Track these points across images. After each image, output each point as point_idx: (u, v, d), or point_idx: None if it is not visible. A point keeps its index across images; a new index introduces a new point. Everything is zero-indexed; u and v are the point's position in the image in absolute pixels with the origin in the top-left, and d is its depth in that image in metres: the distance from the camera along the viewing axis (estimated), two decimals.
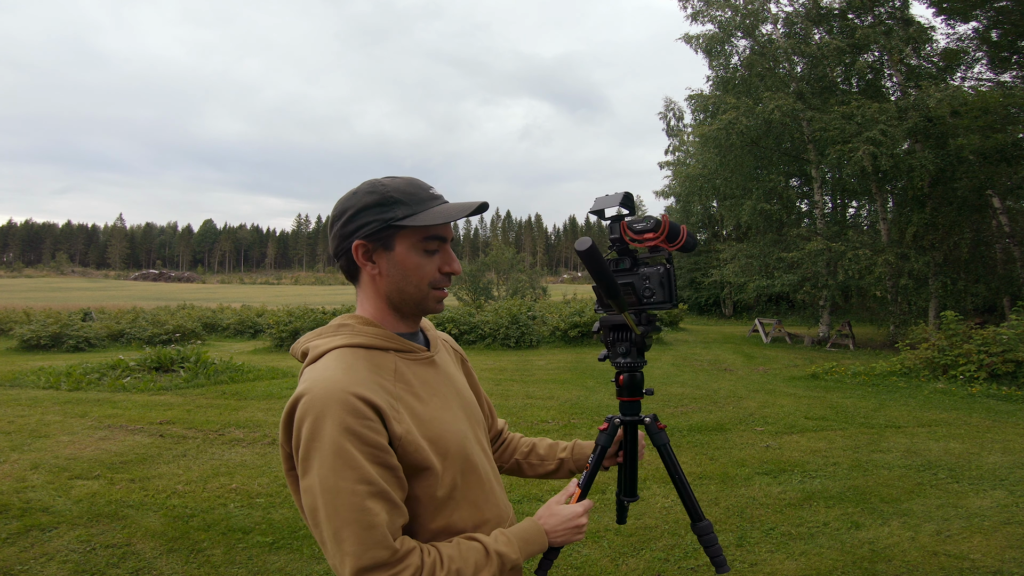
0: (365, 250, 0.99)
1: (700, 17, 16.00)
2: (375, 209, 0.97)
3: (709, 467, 4.54)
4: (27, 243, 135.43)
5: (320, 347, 0.97)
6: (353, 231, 0.98)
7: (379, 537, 0.84)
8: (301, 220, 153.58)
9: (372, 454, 0.86)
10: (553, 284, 68.02)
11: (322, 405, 0.85)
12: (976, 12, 12.83)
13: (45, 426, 5.72)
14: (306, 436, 0.85)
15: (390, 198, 0.97)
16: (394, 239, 0.98)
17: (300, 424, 0.86)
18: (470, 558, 0.92)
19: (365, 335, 0.98)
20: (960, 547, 3.17)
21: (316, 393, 0.86)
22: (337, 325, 1.01)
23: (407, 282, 0.99)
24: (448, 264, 1.03)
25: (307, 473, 0.85)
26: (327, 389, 0.86)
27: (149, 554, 3.11)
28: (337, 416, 0.84)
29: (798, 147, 15.88)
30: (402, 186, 0.99)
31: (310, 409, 0.85)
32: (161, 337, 14.08)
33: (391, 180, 1.01)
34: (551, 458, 1.31)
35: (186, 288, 70.16)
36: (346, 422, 0.84)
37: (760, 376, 9.30)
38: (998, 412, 6.39)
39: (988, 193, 13.39)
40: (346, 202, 1.00)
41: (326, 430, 0.84)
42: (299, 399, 0.87)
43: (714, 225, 26.01)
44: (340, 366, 0.91)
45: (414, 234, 0.98)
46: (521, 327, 13.20)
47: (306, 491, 0.86)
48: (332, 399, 0.85)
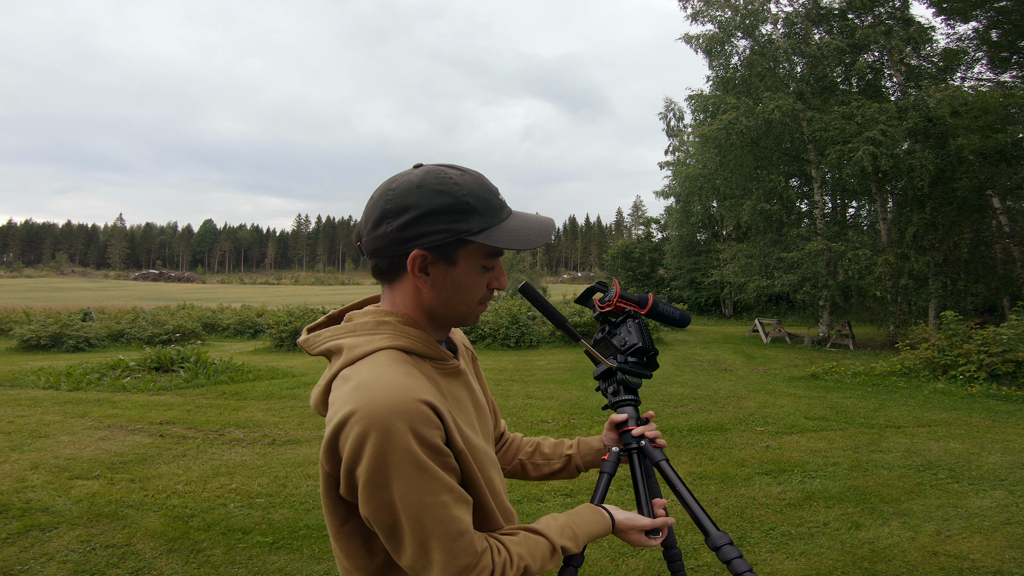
0: (423, 261, 0.85)
1: (700, 17, 16.02)
2: (446, 216, 0.83)
3: (709, 467, 4.53)
4: (27, 243, 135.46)
5: (360, 348, 0.85)
6: (414, 237, 0.83)
7: (466, 544, 0.79)
8: (301, 220, 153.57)
9: (444, 463, 0.80)
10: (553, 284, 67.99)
11: (389, 415, 0.75)
12: (976, 12, 12.83)
13: (45, 426, 5.72)
14: (374, 452, 0.75)
15: (465, 204, 0.84)
16: (459, 254, 0.86)
17: (361, 440, 0.75)
18: (537, 554, 0.88)
19: (409, 337, 0.87)
20: (960, 547, 3.17)
21: (380, 402, 0.76)
22: (376, 322, 0.88)
23: (459, 300, 0.90)
24: (497, 280, 0.93)
25: (379, 490, 0.76)
26: (392, 397, 0.76)
27: (149, 554, 3.11)
28: (408, 426, 0.76)
29: (798, 147, 15.89)
30: (475, 189, 0.86)
31: (374, 422, 0.75)
32: (161, 337, 14.08)
33: (461, 176, 0.86)
34: (557, 456, 1.25)
35: (186, 288, 70.18)
36: (419, 432, 0.76)
37: (760, 376, 9.30)
38: (998, 412, 6.39)
39: (988, 193, 13.39)
40: (406, 197, 0.84)
41: (397, 443, 0.75)
42: (354, 412, 0.76)
43: (714, 225, 26.02)
44: (397, 370, 0.81)
45: (481, 250, 0.87)
46: (521, 327, 13.21)
47: (381, 508, 0.77)
48: (399, 408, 0.76)
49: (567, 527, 0.94)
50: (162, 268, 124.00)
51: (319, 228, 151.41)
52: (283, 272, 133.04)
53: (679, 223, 25.73)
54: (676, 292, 25.94)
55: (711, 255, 23.91)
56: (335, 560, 0.91)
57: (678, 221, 25.76)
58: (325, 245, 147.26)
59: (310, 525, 3.48)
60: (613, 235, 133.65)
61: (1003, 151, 12.35)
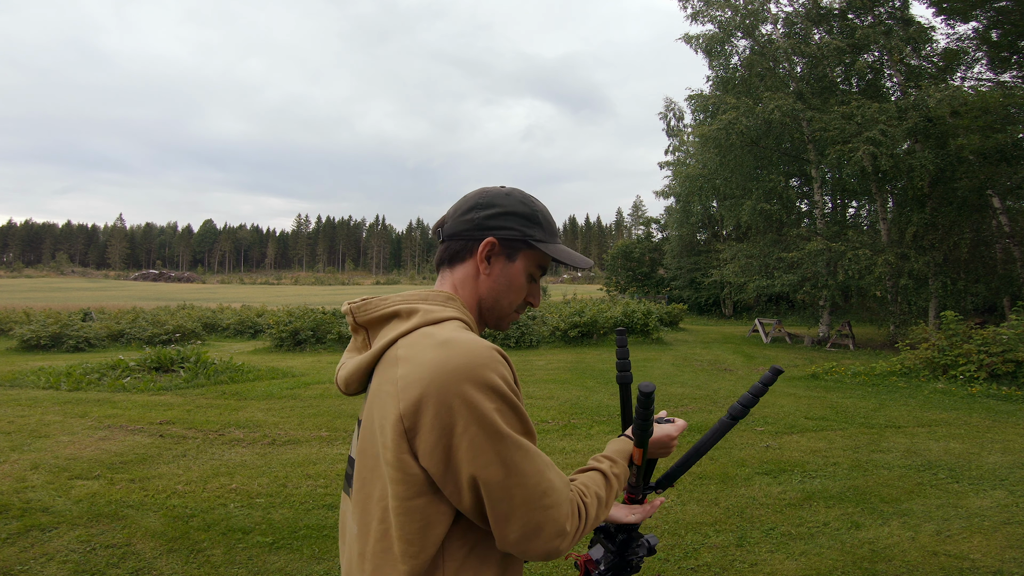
0: (491, 249, 0.98)
1: (700, 17, 16.02)
2: (522, 220, 0.99)
3: (709, 467, 4.54)
4: (27, 243, 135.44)
5: (437, 313, 0.90)
6: (492, 227, 0.98)
7: (563, 476, 0.86)
8: (301, 220, 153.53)
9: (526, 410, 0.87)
10: (553, 284, 68.05)
11: (478, 364, 0.79)
12: (976, 12, 12.83)
13: (45, 426, 5.72)
14: (472, 403, 0.77)
15: (537, 217, 1.01)
16: (519, 253, 1.00)
17: (451, 394, 0.77)
18: (600, 483, 0.96)
19: (469, 318, 0.96)
20: (960, 547, 3.17)
21: (469, 353, 0.80)
22: (447, 296, 0.96)
23: (507, 296, 1.00)
24: (534, 296, 1.06)
25: (490, 440, 0.78)
26: (476, 346, 0.81)
27: (149, 554, 3.11)
28: (504, 377, 0.82)
29: (798, 147, 15.89)
30: (545, 212, 1.04)
31: (464, 372, 0.78)
32: (161, 337, 14.08)
33: (537, 202, 1.04)
34: None
35: (186, 288, 70.17)
36: (505, 375, 0.83)
37: (760, 376, 9.30)
38: (998, 412, 6.39)
39: (988, 193, 13.39)
40: (497, 198, 1.00)
41: (504, 392, 0.81)
42: (443, 367, 0.78)
43: (714, 225, 26.04)
44: (472, 333, 0.88)
45: (535, 258, 1.01)
46: (521, 327, 13.21)
47: (490, 462, 0.78)
48: (496, 359, 0.82)
49: (605, 458, 1.04)
50: (162, 268, 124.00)
51: (319, 228, 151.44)
52: (283, 272, 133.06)
53: (679, 223, 25.73)
54: (676, 292, 25.95)
55: (711, 255, 23.92)
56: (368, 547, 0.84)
57: (678, 221, 25.77)
58: (325, 245, 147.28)
59: (310, 525, 3.48)
60: (613, 235, 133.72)
61: (1003, 151, 12.35)
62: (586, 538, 1.14)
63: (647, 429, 1.03)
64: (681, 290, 25.70)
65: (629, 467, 1.08)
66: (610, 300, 21.36)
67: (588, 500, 0.91)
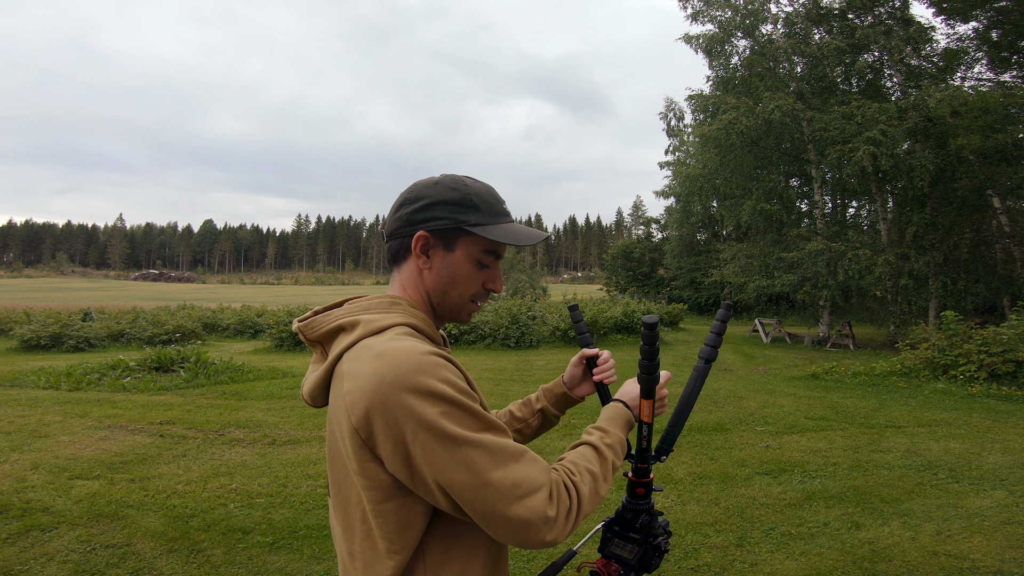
0: (425, 243, 0.95)
1: (700, 17, 16.01)
2: (451, 207, 0.94)
3: (709, 467, 4.54)
4: (27, 243, 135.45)
5: (377, 322, 0.89)
6: (421, 220, 0.95)
7: (537, 459, 0.83)
8: (301, 220, 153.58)
9: (480, 404, 0.85)
10: (553, 284, 68.06)
11: (419, 373, 0.77)
12: (976, 12, 12.83)
13: (45, 426, 5.72)
14: (415, 412, 0.76)
15: (469, 200, 0.95)
16: (457, 242, 0.96)
17: (393, 405, 0.76)
18: (586, 456, 0.94)
19: (416, 318, 0.93)
20: (960, 547, 3.17)
21: (409, 364, 0.78)
22: (390, 302, 0.94)
23: (453, 287, 0.97)
24: (493, 281, 1.01)
25: (441, 445, 0.77)
26: (416, 357, 0.79)
27: (149, 554, 3.11)
28: (439, 377, 0.79)
29: (798, 147, 15.88)
30: (483, 192, 0.98)
31: (401, 382, 0.77)
32: (161, 337, 14.08)
33: (473, 182, 0.99)
34: (531, 415, 1.27)
35: (186, 288, 70.16)
36: (450, 379, 0.80)
37: (760, 376, 9.30)
38: (998, 412, 6.39)
39: (988, 193, 13.39)
40: (424, 190, 0.96)
41: (438, 395, 0.78)
42: (382, 379, 0.77)
43: (714, 225, 26.04)
44: (414, 340, 0.85)
45: (477, 243, 0.96)
46: (521, 327, 13.21)
47: (448, 467, 0.77)
48: (426, 363, 0.79)
49: (595, 428, 1.01)
50: (162, 268, 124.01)
51: (319, 228, 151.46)
52: (283, 272, 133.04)
53: (679, 223, 25.73)
54: (676, 292, 25.95)
55: (711, 255, 23.92)
56: (355, 546, 0.86)
57: (678, 221, 25.77)
58: (325, 245, 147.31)
59: (310, 525, 3.48)
60: (613, 235, 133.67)
61: (1003, 151, 12.34)
62: (595, 540, 1.08)
63: (654, 372, 0.98)
64: (681, 290, 25.69)
65: (638, 429, 1.04)
66: (610, 300, 21.36)
67: (577, 478, 0.88)
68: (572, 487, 0.86)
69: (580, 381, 1.26)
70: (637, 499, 1.02)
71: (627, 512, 1.02)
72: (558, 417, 1.28)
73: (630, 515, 1.02)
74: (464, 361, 10.91)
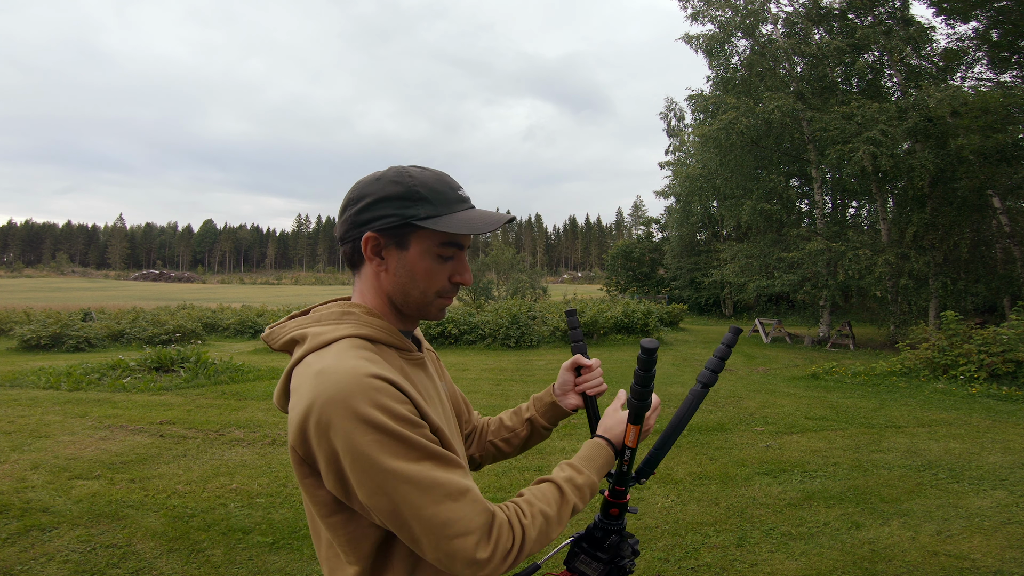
0: (375, 244, 0.90)
1: (700, 17, 16.02)
2: (396, 202, 0.88)
3: (709, 467, 4.53)
4: (27, 243, 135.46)
5: (323, 335, 0.85)
6: (367, 221, 0.89)
7: (473, 499, 0.79)
8: (301, 220, 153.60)
9: (422, 433, 0.79)
10: (553, 284, 68.09)
11: (349, 397, 0.74)
12: (976, 12, 12.83)
13: (45, 426, 5.72)
14: (348, 438, 0.74)
15: (415, 193, 0.88)
16: (409, 238, 0.89)
17: (330, 429, 0.74)
18: (548, 496, 0.90)
19: (372, 327, 0.89)
20: (960, 547, 3.17)
21: (340, 386, 0.75)
22: (341, 312, 0.90)
23: (413, 286, 0.91)
24: (460, 274, 0.94)
25: (368, 474, 0.74)
26: (350, 378, 0.76)
27: (149, 554, 3.11)
28: (372, 401, 0.75)
29: (798, 147, 15.89)
30: (430, 181, 0.90)
31: (338, 407, 0.74)
32: (161, 337, 14.08)
33: (420, 172, 0.91)
34: (519, 424, 1.22)
35: (186, 288, 70.17)
36: (384, 404, 0.75)
37: (760, 376, 9.30)
38: (998, 412, 6.39)
39: (988, 193, 13.39)
40: (366, 187, 0.90)
41: (367, 420, 0.74)
42: (315, 401, 0.75)
43: (714, 225, 26.03)
44: (357, 355, 0.81)
45: (432, 237, 0.90)
46: (521, 327, 13.21)
47: (377, 493, 0.75)
48: (358, 386, 0.75)
49: (567, 465, 0.96)
50: (162, 268, 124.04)
51: (319, 228, 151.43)
52: (283, 272, 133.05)
53: (679, 223, 25.73)
54: (676, 292, 25.95)
55: (711, 255, 23.92)
56: (322, 552, 0.89)
57: (678, 221, 25.77)
58: (325, 245, 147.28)
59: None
60: (613, 235, 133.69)
61: (1003, 151, 12.35)
62: (561, 555, 1.05)
63: (646, 399, 0.93)
64: (681, 290, 25.69)
65: (620, 453, 1.01)
66: (610, 300, 21.37)
67: (527, 521, 0.84)
68: (519, 528, 0.82)
69: (572, 389, 1.21)
70: (610, 519, 1.00)
71: (597, 531, 1.00)
72: (548, 430, 1.22)
73: (600, 534, 0.99)
74: (464, 361, 10.94)
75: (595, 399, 1.16)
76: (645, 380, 0.90)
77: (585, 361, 1.18)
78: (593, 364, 1.18)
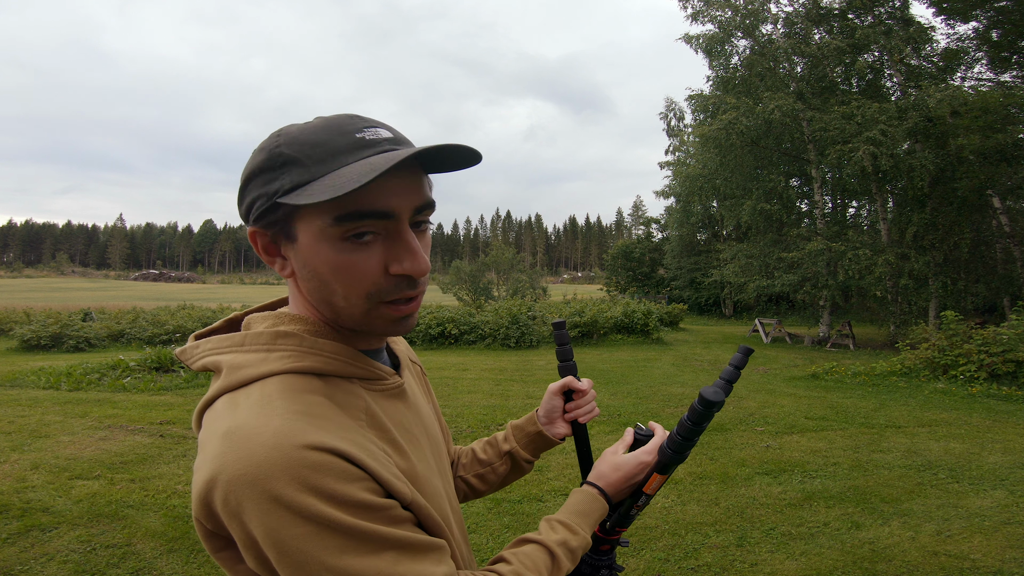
0: (264, 241, 0.65)
1: (700, 17, 16.02)
2: (262, 177, 0.61)
3: (709, 467, 4.53)
4: (27, 243, 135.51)
5: (245, 371, 0.61)
6: (245, 213, 0.64)
7: None
8: None
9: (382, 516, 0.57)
10: (553, 284, 68.12)
11: (266, 476, 0.52)
12: (976, 12, 12.84)
13: (45, 426, 5.72)
14: (265, 528, 0.53)
15: (280, 157, 0.60)
16: (293, 224, 0.62)
17: (235, 510, 0.53)
18: (540, 564, 0.72)
19: (322, 355, 0.64)
20: (960, 547, 3.17)
21: (252, 458, 0.53)
22: (275, 334, 0.64)
23: (328, 290, 0.63)
24: (397, 259, 0.62)
25: (303, 570, 0.53)
26: (269, 448, 0.53)
27: (149, 554, 3.11)
28: (302, 484, 0.53)
29: (798, 147, 15.89)
30: (307, 133, 0.61)
31: (245, 487, 0.52)
32: (161, 337, 14.08)
33: (302, 125, 0.63)
34: (497, 458, 1.01)
35: (186, 288, 70.16)
36: (322, 487, 0.53)
37: (760, 376, 9.30)
38: (998, 412, 6.39)
39: (988, 193, 13.39)
40: (246, 166, 0.64)
41: (295, 508, 0.52)
42: (220, 476, 0.53)
43: (714, 225, 26.02)
44: (288, 408, 0.57)
45: (318, 214, 0.60)
46: (521, 327, 13.20)
47: None
48: (280, 462, 0.52)
49: (557, 523, 0.80)
50: (162, 268, 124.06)
51: None
52: None
53: (679, 223, 25.73)
54: (676, 292, 25.95)
55: (711, 255, 23.91)
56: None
57: (678, 221, 25.77)
58: None
59: None
60: (613, 235, 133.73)
61: (1003, 151, 12.34)
62: None
63: (685, 451, 0.81)
64: (681, 290, 25.69)
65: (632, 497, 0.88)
66: (610, 300, 21.36)
67: None
68: None
69: (560, 416, 1.00)
70: (600, 555, 0.92)
71: (585, 567, 0.91)
72: (531, 463, 1.01)
73: (588, 570, 0.91)
74: (464, 361, 10.93)
75: (584, 428, 1.01)
76: (692, 433, 0.77)
77: (578, 385, 0.98)
78: (585, 387, 0.99)
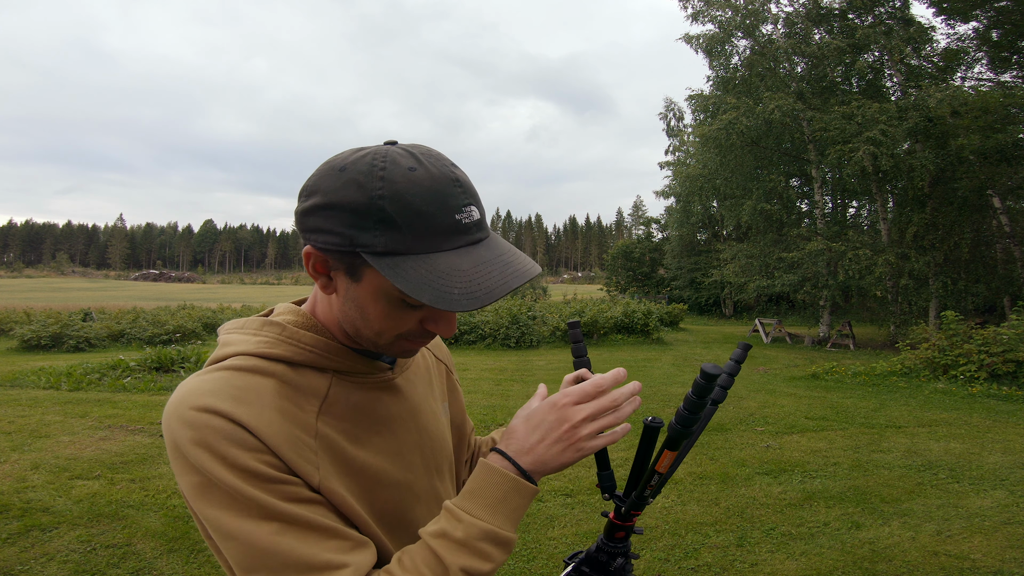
0: (320, 263, 0.66)
1: (700, 17, 16.03)
2: (350, 216, 0.60)
3: (709, 467, 4.53)
4: (27, 243, 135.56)
5: (226, 348, 0.69)
6: (310, 229, 0.64)
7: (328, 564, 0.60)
8: None
9: (281, 491, 0.61)
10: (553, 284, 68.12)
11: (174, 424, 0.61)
12: (976, 12, 12.83)
13: (45, 426, 5.72)
14: (173, 461, 0.62)
15: (378, 210, 0.59)
16: (362, 270, 0.63)
17: (167, 442, 0.63)
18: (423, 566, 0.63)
19: (295, 345, 0.69)
20: (960, 547, 3.17)
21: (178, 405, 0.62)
22: (263, 321, 0.71)
23: (365, 326, 0.67)
24: (435, 323, 0.68)
25: (198, 513, 0.62)
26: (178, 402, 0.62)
27: (149, 554, 3.11)
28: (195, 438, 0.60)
29: (798, 147, 15.89)
30: (410, 192, 0.59)
31: (169, 426, 0.62)
32: (161, 337, 14.09)
33: (408, 173, 0.60)
34: None
35: (186, 288, 70.19)
36: (212, 445, 0.59)
37: (760, 376, 9.30)
38: (998, 412, 6.39)
39: (988, 193, 13.39)
40: (324, 178, 0.63)
41: (189, 457, 0.60)
42: (166, 411, 0.63)
43: (714, 225, 26.03)
44: (219, 377, 0.64)
45: None
46: (521, 327, 13.20)
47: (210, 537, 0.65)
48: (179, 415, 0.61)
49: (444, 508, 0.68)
50: (162, 268, 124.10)
51: None
52: (283, 272, 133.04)
53: (679, 223, 25.74)
54: (676, 292, 25.95)
55: (711, 255, 23.91)
56: None
57: (678, 221, 25.78)
58: None
59: None
60: (613, 235, 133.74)
61: (1003, 151, 12.34)
62: None
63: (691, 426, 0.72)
64: (681, 290, 25.70)
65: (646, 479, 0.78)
66: (610, 300, 21.36)
67: None
68: None
69: None
70: (615, 541, 0.88)
71: (601, 554, 0.88)
72: None
73: (604, 557, 0.87)
74: (464, 361, 10.93)
75: None
76: (696, 407, 0.74)
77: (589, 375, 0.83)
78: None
